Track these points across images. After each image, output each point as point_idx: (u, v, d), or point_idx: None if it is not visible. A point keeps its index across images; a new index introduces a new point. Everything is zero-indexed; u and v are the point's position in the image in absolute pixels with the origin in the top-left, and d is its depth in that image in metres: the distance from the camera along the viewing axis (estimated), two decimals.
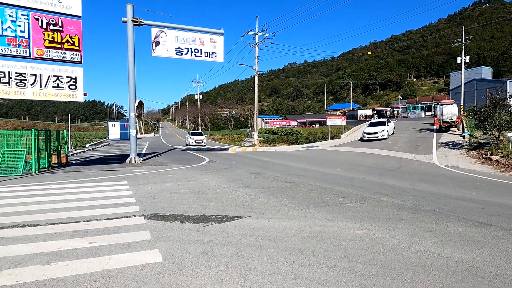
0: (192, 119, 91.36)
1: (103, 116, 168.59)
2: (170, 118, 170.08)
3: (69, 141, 27.74)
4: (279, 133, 49.32)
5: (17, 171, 13.12)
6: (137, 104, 18.17)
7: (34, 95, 13.28)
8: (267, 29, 35.12)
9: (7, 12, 12.54)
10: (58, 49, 13.47)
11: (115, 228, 5.72)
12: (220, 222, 6.13)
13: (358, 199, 8.25)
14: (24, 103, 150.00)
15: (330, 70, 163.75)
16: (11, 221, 6.19)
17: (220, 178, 11.84)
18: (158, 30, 17.53)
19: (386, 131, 26.58)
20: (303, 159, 19.24)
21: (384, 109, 74.90)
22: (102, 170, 14.45)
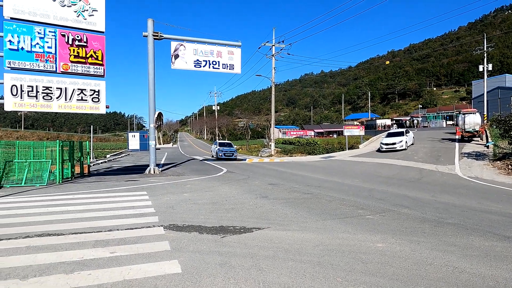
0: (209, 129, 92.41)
1: (124, 127, 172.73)
2: (188, 129, 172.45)
3: (91, 151, 28.53)
4: (296, 143, 49.14)
5: (42, 181, 13.58)
6: (157, 116, 18.57)
7: (60, 108, 13.80)
8: (284, 40, 35.44)
9: (36, 29, 13.18)
10: (83, 63, 14.01)
11: (135, 238, 5.81)
12: (238, 233, 6.14)
13: (378, 211, 8.10)
14: (49, 115, 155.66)
15: (347, 80, 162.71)
16: (37, 230, 6.39)
17: (237, 189, 11.88)
18: (178, 44, 17.98)
19: (405, 141, 25.85)
20: (321, 170, 19.06)
21: (404, 119, 73.54)
22: (123, 181, 14.76)
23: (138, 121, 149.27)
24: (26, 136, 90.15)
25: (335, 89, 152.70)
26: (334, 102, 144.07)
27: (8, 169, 13.61)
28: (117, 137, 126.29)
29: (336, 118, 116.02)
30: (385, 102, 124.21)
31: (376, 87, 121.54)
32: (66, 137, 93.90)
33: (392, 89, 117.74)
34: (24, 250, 5.24)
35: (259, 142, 58.31)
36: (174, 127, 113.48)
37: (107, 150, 48.28)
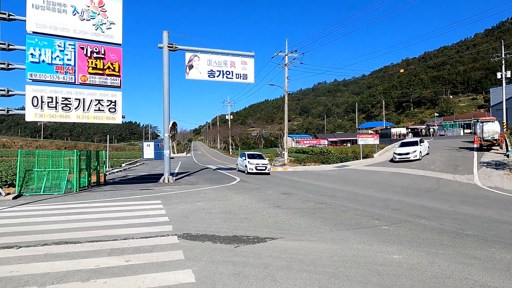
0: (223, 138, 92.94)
1: (139, 137, 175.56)
2: (202, 138, 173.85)
3: (107, 160, 29.04)
4: (309, 152, 48.83)
5: (60, 190, 13.88)
6: (171, 125, 18.83)
7: (78, 118, 14.16)
8: (297, 50, 35.52)
9: (57, 42, 13.65)
10: (100, 75, 14.40)
11: (150, 247, 5.86)
12: (252, 243, 6.12)
13: (394, 221, 7.94)
14: (67, 125, 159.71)
15: (361, 88, 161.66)
16: (55, 238, 6.53)
17: (251, 198, 11.86)
18: (192, 55, 18.29)
19: (419, 151, 25.00)
20: (335, 179, 18.87)
21: (419, 127, 72.29)
22: (138, 189, 14.95)
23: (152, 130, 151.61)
24: (45, 145, 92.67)
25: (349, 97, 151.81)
26: (348, 111, 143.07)
27: (28, 178, 13.98)
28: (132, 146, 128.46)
29: (350, 126, 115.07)
30: (399, 111, 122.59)
31: (391, 96, 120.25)
32: (83, 146, 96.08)
33: (407, 97, 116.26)
34: (42, 257, 5.36)
35: (272, 151, 58.22)
36: (188, 136, 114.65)
37: (123, 159, 49.06)
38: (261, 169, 22.92)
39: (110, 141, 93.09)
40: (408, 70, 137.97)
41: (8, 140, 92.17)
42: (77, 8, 14.03)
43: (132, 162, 41.60)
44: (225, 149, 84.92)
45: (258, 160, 23.67)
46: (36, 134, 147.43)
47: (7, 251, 5.68)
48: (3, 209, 10.13)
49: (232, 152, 72.56)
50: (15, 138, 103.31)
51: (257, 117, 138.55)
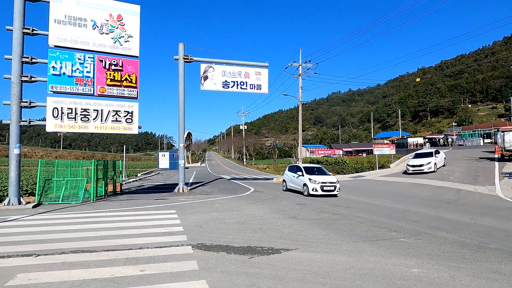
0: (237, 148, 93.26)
1: (154, 147, 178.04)
2: (216, 148, 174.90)
3: (124, 170, 29.50)
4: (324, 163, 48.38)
5: (77, 199, 14.14)
6: (186, 135, 19.03)
7: (96, 129, 14.48)
8: (311, 60, 35.61)
9: (77, 55, 14.10)
10: (118, 86, 14.75)
11: (164, 257, 5.87)
12: (266, 254, 6.05)
13: (413, 233, 7.73)
14: (85, 135, 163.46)
15: (376, 98, 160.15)
16: (72, 246, 6.62)
17: (265, 209, 11.79)
18: (207, 66, 18.55)
19: (434, 163, 23.89)
20: (350, 190, 18.57)
21: (437, 137, 70.81)
22: (153, 199, 15.08)
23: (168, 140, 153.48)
24: (64, 155, 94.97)
25: (364, 107, 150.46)
26: (363, 121, 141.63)
27: (47, 187, 14.32)
28: (148, 157, 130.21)
29: (365, 136, 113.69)
30: (416, 120, 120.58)
31: (407, 105, 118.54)
32: (100, 156, 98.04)
33: (424, 106, 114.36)
34: (60, 266, 5.43)
35: (287, 161, 57.98)
36: (202, 147, 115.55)
37: (139, 169, 49.75)
38: (328, 190, 15.84)
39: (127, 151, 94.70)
40: (424, 79, 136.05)
41: (30, 150, 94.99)
42: (96, 22, 14.50)
43: (147, 172, 42.12)
44: (239, 159, 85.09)
45: (322, 177, 16.51)
46: (56, 144, 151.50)
47: (26, 259, 5.79)
48: (23, 217, 10.37)
49: (246, 162, 72.60)
50: (36, 148, 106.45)
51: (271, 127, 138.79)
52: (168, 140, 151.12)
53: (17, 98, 13.30)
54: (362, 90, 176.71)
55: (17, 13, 13.36)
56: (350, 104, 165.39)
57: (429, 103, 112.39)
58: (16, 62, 13.31)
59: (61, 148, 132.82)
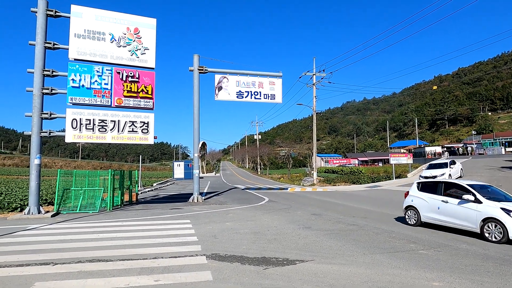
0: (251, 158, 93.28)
1: (169, 157, 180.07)
2: (230, 158, 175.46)
3: (139, 180, 29.87)
4: (339, 172, 47.84)
5: (94, 208, 14.37)
6: (201, 145, 19.16)
7: (113, 139, 14.76)
8: (325, 69, 35.53)
9: (95, 68, 14.51)
10: (134, 97, 15.06)
11: (178, 267, 5.86)
12: (281, 265, 5.96)
13: (432, 245, 7.48)
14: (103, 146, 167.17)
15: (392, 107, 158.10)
16: (88, 255, 6.69)
17: (279, 219, 11.67)
18: (221, 76, 18.75)
19: (448, 174, 22.60)
20: (367, 200, 18.24)
21: (456, 146, 69.09)
22: (168, 209, 15.17)
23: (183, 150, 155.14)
24: (83, 165, 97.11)
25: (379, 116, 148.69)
26: (378, 130, 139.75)
27: (66, 197, 14.62)
28: (163, 166, 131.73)
29: (381, 146, 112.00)
30: (434, 129, 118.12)
31: (423, 113, 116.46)
32: (117, 166, 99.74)
33: (441, 114, 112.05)
34: (76, 274, 5.49)
35: (301, 171, 57.56)
36: (217, 156, 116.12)
37: (154, 179, 50.29)
38: None
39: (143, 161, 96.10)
40: (442, 87, 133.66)
41: (50, 161, 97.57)
42: (114, 36, 14.92)
43: (163, 182, 42.52)
44: (254, 169, 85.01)
45: None
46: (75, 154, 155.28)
47: (44, 268, 5.88)
48: (42, 226, 10.59)
49: (260, 172, 72.44)
50: (56, 159, 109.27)
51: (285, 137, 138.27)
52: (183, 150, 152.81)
53: (38, 110, 13.74)
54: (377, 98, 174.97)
55: (39, 28, 13.90)
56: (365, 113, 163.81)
57: (447, 111, 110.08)
58: (38, 75, 13.79)
59: (79, 158, 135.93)
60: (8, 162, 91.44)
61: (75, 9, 14.38)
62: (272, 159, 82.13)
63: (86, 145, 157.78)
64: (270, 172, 66.74)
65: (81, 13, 14.44)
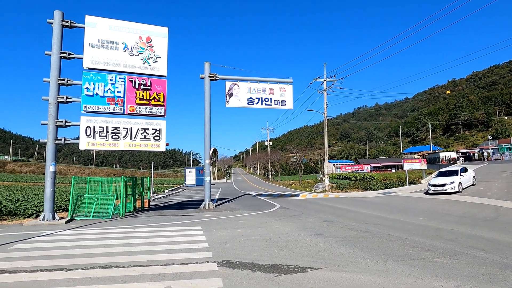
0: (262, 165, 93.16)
1: (181, 163, 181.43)
2: (242, 164, 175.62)
3: (152, 187, 30.14)
4: (351, 178, 47.33)
5: (107, 215, 14.53)
6: (212, 152, 19.25)
7: (125, 146, 14.98)
8: (336, 75, 35.37)
9: (109, 77, 14.80)
10: (147, 105, 15.28)
11: (189, 274, 5.85)
12: (292, 273, 5.89)
13: (448, 253, 7.29)
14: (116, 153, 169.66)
15: (404, 112, 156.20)
16: (101, 261, 6.76)
17: (290, 226, 11.58)
18: (232, 83, 18.88)
19: (458, 182, 21.32)
20: (380, 206, 17.95)
21: (471, 151, 67.62)
22: (179, 215, 15.23)
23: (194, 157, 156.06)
24: (96, 172, 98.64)
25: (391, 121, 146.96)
26: (391, 135, 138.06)
27: (80, 203, 14.85)
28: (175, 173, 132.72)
29: (394, 151, 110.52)
30: (448, 134, 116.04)
31: (437, 118, 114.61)
32: (130, 173, 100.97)
33: (456, 119, 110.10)
34: (89, 280, 5.54)
35: (313, 177, 57.18)
36: (228, 163, 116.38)
37: (166, 185, 50.67)
38: None
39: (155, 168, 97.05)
40: (456, 91, 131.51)
41: (64, 168, 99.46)
42: (127, 45, 15.22)
43: (174, 188, 42.79)
44: (265, 175, 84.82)
45: None
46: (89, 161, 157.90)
47: (58, 273, 5.96)
48: (56, 232, 10.76)
49: (271, 178, 72.23)
50: (71, 166, 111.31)
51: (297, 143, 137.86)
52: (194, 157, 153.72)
53: (54, 118, 14.05)
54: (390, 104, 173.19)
55: (55, 38, 14.28)
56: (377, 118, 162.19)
57: (461, 116, 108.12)
58: (54, 84, 14.14)
59: (93, 165, 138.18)
60: (25, 169, 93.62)
61: (90, 19, 14.75)
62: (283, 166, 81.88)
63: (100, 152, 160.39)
64: (281, 179, 66.48)
65: (95, 23, 14.80)
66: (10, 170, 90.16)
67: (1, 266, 6.50)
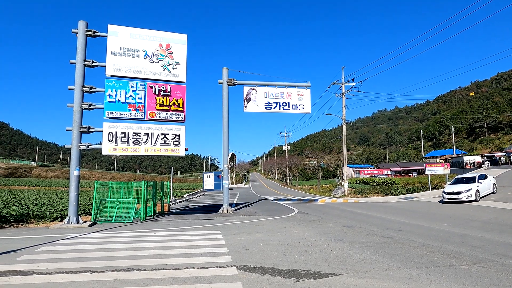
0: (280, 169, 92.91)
1: (199, 168, 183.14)
2: (259, 169, 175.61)
3: (171, 191, 30.54)
4: (371, 183, 46.49)
5: (128, 219, 14.82)
6: (230, 157, 19.36)
7: (146, 151, 15.27)
8: (354, 78, 35.06)
9: (130, 83, 15.18)
10: (166, 111, 15.56)
11: (209, 278, 5.88)
12: (313, 278, 5.83)
13: (475, 261, 7.03)
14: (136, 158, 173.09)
15: (426, 115, 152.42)
16: (123, 264, 6.89)
17: (310, 231, 11.47)
18: (249, 88, 18.99)
19: (475, 190, 19.68)
20: (401, 212, 17.52)
21: (497, 155, 65.21)
22: (198, 219, 15.36)
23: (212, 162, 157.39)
24: (117, 177, 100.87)
25: (412, 125, 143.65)
26: (412, 139, 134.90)
27: (102, 207, 15.21)
28: (193, 178, 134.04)
29: (415, 155, 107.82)
30: (472, 137, 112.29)
31: (460, 121, 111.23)
32: (150, 178, 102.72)
33: (480, 122, 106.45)
34: (112, 283, 5.65)
35: (331, 182, 56.51)
36: (246, 168, 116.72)
37: (185, 190, 51.23)
38: None
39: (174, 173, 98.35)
40: (479, 93, 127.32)
41: (87, 173, 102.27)
42: (148, 52, 15.58)
43: (193, 193, 43.21)
44: (283, 180, 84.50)
45: None
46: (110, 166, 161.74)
47: (82, 275, 6.11)
48: (80, 235, 11.06)
49: (289, 183, 71.86)
50: (93, 171, 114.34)
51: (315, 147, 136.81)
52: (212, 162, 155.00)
53: (78, 124, 14.51)
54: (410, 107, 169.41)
55: (79, 47, 14.79)
56: (397, 122, 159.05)
57: (486, 119, 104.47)
58: (78, 91, 14.61)
59: (115, 170, 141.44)
60: (50, 174, 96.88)
61: (112, 28, 15.20)
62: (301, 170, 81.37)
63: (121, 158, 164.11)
64: (299, 183, 66.03)
65: (117, 32, 15.24)
66: (36, 175, 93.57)
67: (30, 267, 6.74)
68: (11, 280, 5.86)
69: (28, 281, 5.80)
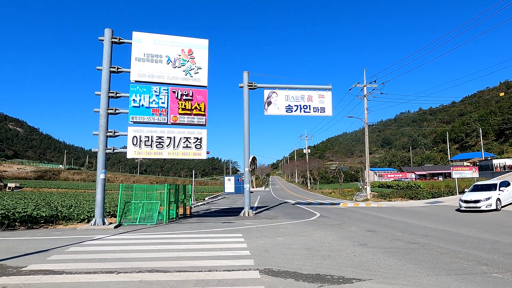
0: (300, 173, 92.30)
1: (220, 172, 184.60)
2: (279, 172, 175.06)
3: (193, 194, 30.92)
4: (394, 187, 45.34)
5: (152, 221, 15.11)
6: (251, 160, 19.41)
7: (169, 155, 15.56)
8: (376, 80, 34.34)
9: (153, 88, 15.54)
10: (188, 115, 15.80)
11: (232, 281, 5.90)
12: (337, 283, 5.74)
13: (508, 268, 6.71)
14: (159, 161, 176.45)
15: (451, 117, 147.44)
16: (148, 266, 7.02)
17: (332, 235, 11.31)
18: (270, 91, 19.02)
19: (495, 199, 18.31)
20: (427, 217, 16.99)
21: None
22: (220, 222, 15.46)
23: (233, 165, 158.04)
24: (141, 180, 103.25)
25: (437, 127, 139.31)
26: (437, 141, 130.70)
27: (126, 209, 15.59)
28: (214, 181, 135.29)
29: (440, 158, 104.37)
30: (502, 139, 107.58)
31: (489, 123, 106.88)
32: (171, 181, 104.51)
33: (510, 124, 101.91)
34: (137, 284, 5.77)
35: (353, 186, 55.57)
36: (266, 171, 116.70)
37: (206, 193, 51.75)
38: None
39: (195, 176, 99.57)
40: (509, 94, 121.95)
41: (112, 176, 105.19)
42: (170, 58, 15.91)
43: (214, 196, 43.57)
44: (303, 183, 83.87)
45: None
46: (134, 170, 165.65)
47: (108, 276, 6.28)
48: (106, 237, 11.36)
49: (310, 187, 71.22)
50: (117, 174, 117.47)
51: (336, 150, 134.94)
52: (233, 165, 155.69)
53: (104, 128, 14.97)
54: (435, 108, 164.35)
55: (105, 54, 15.28)
56: (421, 124, 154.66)
57: None
58: (104, 97, 15.09)
59: (138, 173, 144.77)
60: (77, 177, 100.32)
61: (136, 35, 15.63)
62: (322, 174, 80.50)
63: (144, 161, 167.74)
64: (320, 187, 65.33)
65: (141, 38, 15.66)
66: (64, 178, 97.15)
67: (59, 267, 6.98)
68: (42, 279, 6.09)
69: (58, 280, 6.01)
